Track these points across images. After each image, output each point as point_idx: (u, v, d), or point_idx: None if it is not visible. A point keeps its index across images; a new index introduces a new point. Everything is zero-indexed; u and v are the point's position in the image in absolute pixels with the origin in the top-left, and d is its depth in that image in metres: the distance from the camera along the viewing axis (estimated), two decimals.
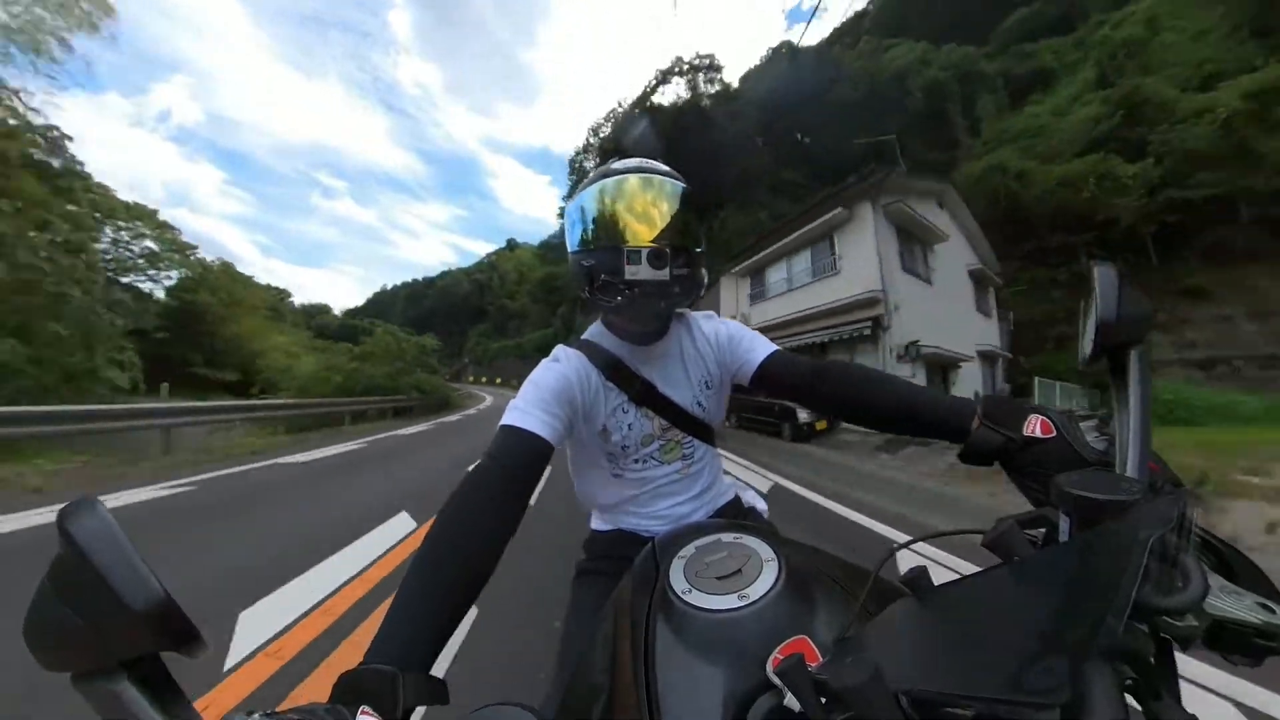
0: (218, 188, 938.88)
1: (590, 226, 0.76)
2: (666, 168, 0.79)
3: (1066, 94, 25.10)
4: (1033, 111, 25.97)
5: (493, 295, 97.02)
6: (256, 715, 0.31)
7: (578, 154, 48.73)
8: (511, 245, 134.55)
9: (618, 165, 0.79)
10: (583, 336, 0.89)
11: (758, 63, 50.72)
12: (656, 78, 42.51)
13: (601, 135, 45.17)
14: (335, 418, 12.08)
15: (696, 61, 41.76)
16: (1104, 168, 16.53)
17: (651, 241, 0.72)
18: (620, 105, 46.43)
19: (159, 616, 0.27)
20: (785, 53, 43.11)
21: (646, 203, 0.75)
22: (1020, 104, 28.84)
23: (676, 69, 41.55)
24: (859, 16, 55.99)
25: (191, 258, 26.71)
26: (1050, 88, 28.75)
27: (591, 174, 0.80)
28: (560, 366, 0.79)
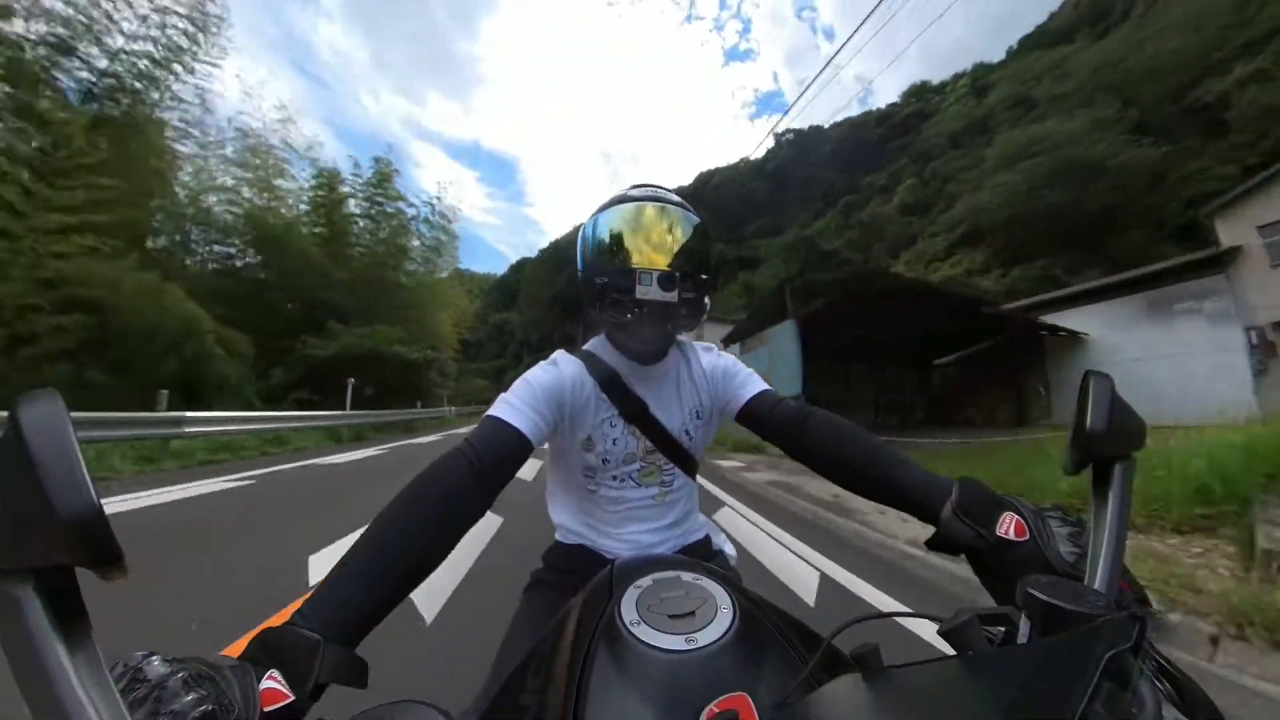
0: None
1: (604, 247, 0.78)
2: (679, 198, 0.82)
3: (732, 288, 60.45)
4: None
5: None
6: (156, 658, 0.31)
7: None
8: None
9: (634, 192, 0.81)
10: (584, 347, 0.89)
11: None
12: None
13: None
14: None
15: None
16: None
17: (662, 265, 0.74)
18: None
19: (85, 530, 0.25)
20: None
21: (660, 229, 0.77)
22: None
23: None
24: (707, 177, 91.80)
25: None
26: (756, 268, 64.11)
27: (608, 199, 0.83)
28: (556, 369, 0.81)
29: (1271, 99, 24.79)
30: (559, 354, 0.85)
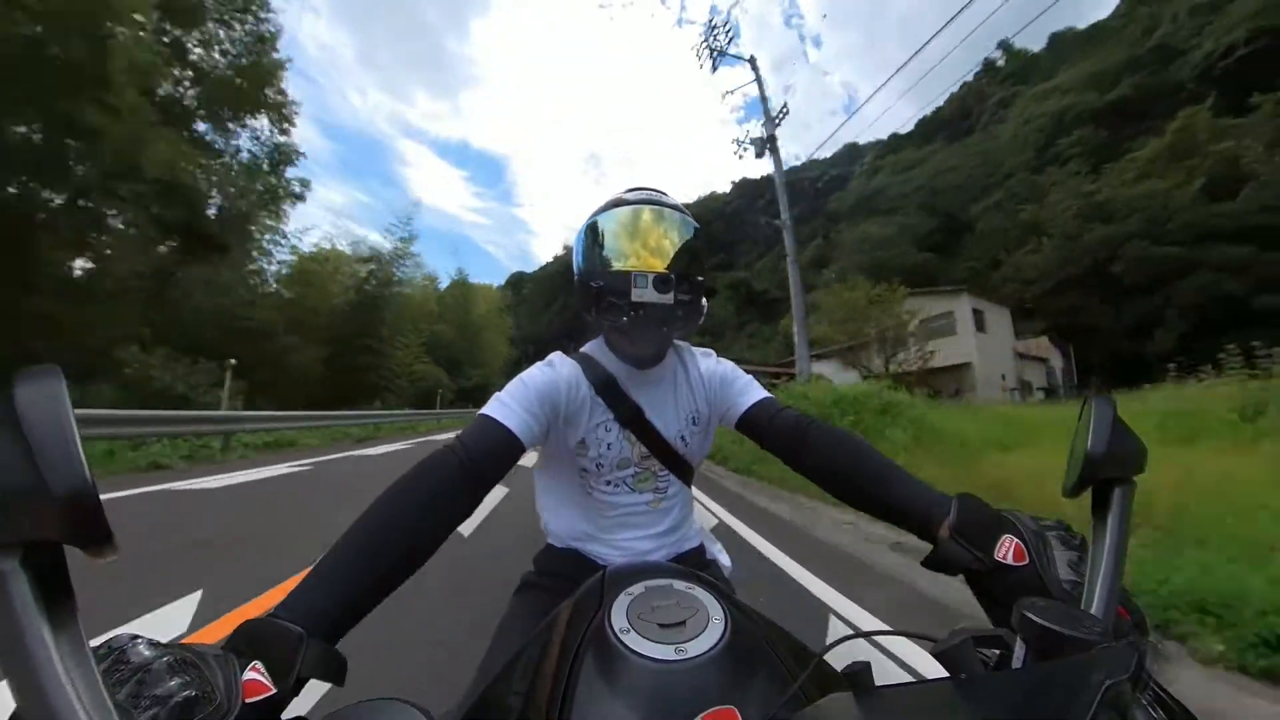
0: None
1: (600, 251, 0.78)
2: (675, 201, 0.82)
3: None
4: None
5: None
6: (142, 642, 0.32)
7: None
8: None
9: (630, 195, 0.82)
10: (582, 350, 0.89)
11: None
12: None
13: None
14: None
15: None
16: None
17: (659, 268, 0.75)
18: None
19: (76, 506, 0.25)
20: None
21: (656, 232, 0.78)
22: None
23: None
24: None
25: None
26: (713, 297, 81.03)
27: (604, 202, 0.83)
28: (552, 370, 0.81)
29: (992, 225, 42.06)
30: (555, 355, 0.86)
